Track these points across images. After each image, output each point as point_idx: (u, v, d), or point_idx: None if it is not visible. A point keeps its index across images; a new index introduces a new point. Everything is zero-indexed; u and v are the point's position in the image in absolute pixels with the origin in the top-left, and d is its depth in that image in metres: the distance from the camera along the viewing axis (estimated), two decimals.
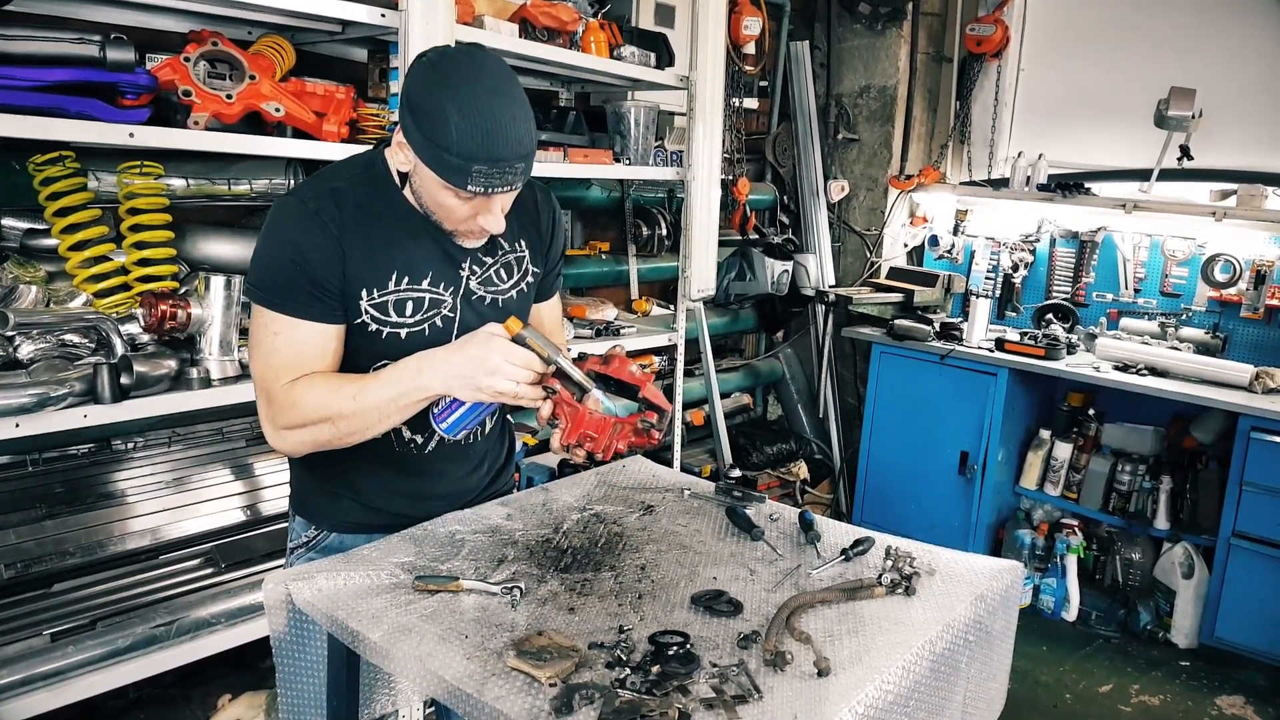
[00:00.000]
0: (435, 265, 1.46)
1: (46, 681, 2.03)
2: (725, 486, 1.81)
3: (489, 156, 1.27)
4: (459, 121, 1.25)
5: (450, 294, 1.48)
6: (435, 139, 1.27)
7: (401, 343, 1.45)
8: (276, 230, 1.40)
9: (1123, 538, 3.64)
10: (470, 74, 1.28)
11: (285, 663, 1.44)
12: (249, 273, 1.43)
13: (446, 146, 1.26)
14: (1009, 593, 1.49)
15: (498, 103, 1.28)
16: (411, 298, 1.45)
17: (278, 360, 1.38)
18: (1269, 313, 3.54)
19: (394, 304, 1.44)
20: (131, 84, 2.00)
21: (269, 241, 1.40)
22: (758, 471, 4.27)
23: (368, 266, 1.41)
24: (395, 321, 1.44)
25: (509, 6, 2.67)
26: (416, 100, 1.29)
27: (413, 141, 1.31)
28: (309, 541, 1.62)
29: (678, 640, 1.20)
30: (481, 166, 1.27)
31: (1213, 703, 3.02)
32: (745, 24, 3.93)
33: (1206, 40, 3.78)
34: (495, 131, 1.26)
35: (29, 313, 2.06)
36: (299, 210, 1.38)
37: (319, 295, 1.38)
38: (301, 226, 1.37)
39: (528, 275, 1.60)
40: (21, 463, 2.32)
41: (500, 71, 1.31)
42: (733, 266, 4.08)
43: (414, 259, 1.44)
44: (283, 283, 1.37)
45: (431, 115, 1.27)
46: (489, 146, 1.26)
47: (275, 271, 1.38)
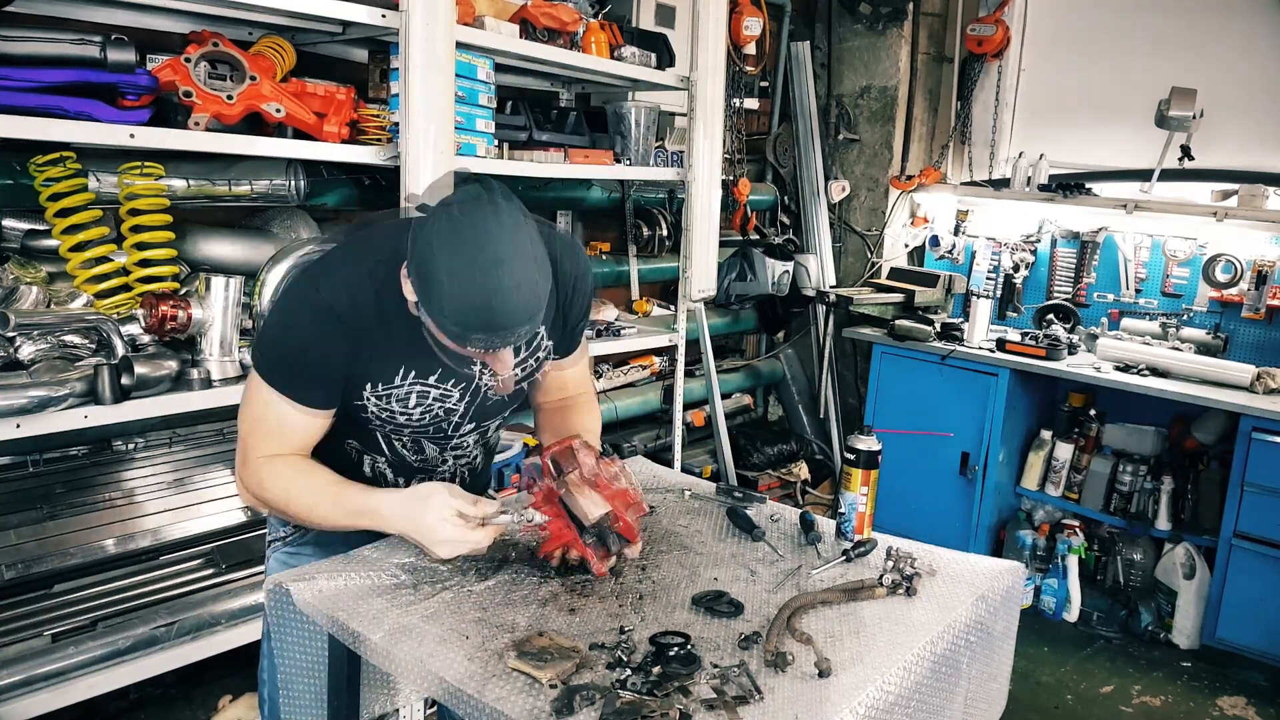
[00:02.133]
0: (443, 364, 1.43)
1: (47, 682, 2.03)
2: (726, 487, 1.81)
3: (486, 327, 1.24)
4: (457, 295, 1.22)
5: (459, 390, 1.49)
6: (433, 302, 1.24)
7: (399, 427, 1.49)
8: (289, 316, 1.40)
9: (1124, 538, 3.64)
10: (472, 240, 1.22)
11: (285, 663, 1.44)
12: (257, 340, 1.47)
13: (444, 313, 1.24)
14: (1010, 593, 1.49)
15: (501, 274, 1.22)
16: (417, 392, 1.46)
17: (263, 429, 1.43)
18: (1270, 313, 3.54)
19: (398, 398, 1.45)
20: (132, 85, 2.00)
21: (280, 326, 1.41)
22: (758, 472, 4.27)
23: (376, 364, 1.42)
24: (397, 412, 1.47)
25: (509, 7, 2.67)
26: (420, 256, 1.25)
27: (418, 295, 1.27)
28: (286, 536, 1.64)
29: (679, 641, 1.20)
30: (479, 335, 1.25)
31: (1214, 703, 3.02)
32: (746, 24, 3.93)
33: (1207, 40, 3.77)
34: (495, 307, 1.22)
35: (30, 313, 2.06)
36: (314, 302, 1.37)
37: (321, 385, 1.41)
38: (313, 320, 1.37)
39: (539, 350, 1.57)
40: (22, 463, 2.32)
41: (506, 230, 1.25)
42: (733, 267, 4.08)
43: (425, 355, 1.40)
44: (287, 368, 1.39)
45: (430, 280, 1.23)
46: (489, 321, 1.23)
47: (282, 356, 1.40)
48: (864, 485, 1.61)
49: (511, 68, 2.96)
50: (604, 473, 1.45)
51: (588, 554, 1.41)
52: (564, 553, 1.44)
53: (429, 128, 2.30)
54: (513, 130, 2.86)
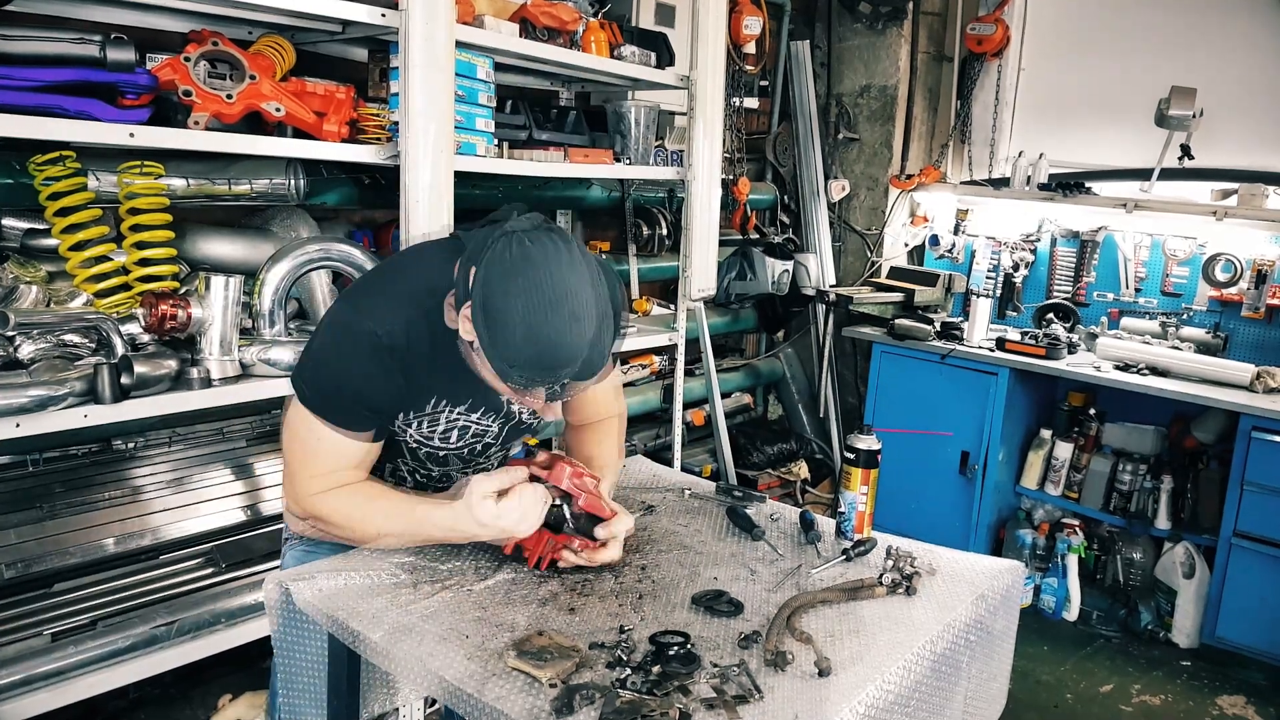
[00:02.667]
0: (486, 399, 1.47)
1: (47, 681, 2.03)
2: (726, 487, 1.81)
3: (539, 366, 1.24)
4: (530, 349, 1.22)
5: (497, 424, 1.53)
6: (502, 352, 1.24)
7: (437, 458, 1.52)
8: (343, 351, 1.37)
9: (1124, 537, 3.64)
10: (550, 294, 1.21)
11: (285, 663, 1.44)
12: (303, 369, 1.42)
13: (505, 357, 1.24)
14: (1010, 592, 1.49)
15: (573, 329, 1.22)
16: (458, 426, 1.48)
17: (318, 464, 1.40)
18: (1270, 312, 3.54)
19: (441, 432, 1.48)
20: (132, 84, 2.00)
21: (333, 360, 1.38)
22: (758, 471, 4.27)
23: (422, 399, 1.43)
24: (436, 444, 1.49)
25: (509, 6, 2.67)
26: (488, 297, 1.23)
27: (479, 335, 1.26)
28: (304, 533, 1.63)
29: (678, 640, 1.20)
30: (532, 374, 1.25)
31: (1214, 702, 3.02)
32: (746, 23, 3.93)
33: (1207, 39, 3.77)
34: (551, 347, 1.23)
35: (29, 313, 2.05)
36: (370, 343, 1.34)
37: (376, 417, 1.41)
38: (371, 361, 1.35)
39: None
40: (22, 463, 2.32)
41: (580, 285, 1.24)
42: (733, 266, 4.07)
43: (467, 391, 1.44)
44: (340, 401, 1.38)
45: (505, 330, 1.22)
46: (556, 373, 1.25)
47: (335, 393, 1.38)
48: (864, 484, 1.61)
49: (511, 67, 2.96)
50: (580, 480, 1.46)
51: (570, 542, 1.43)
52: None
53: (429, 127, 2.30)
54: (512, 129, 2.86)
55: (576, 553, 1.43)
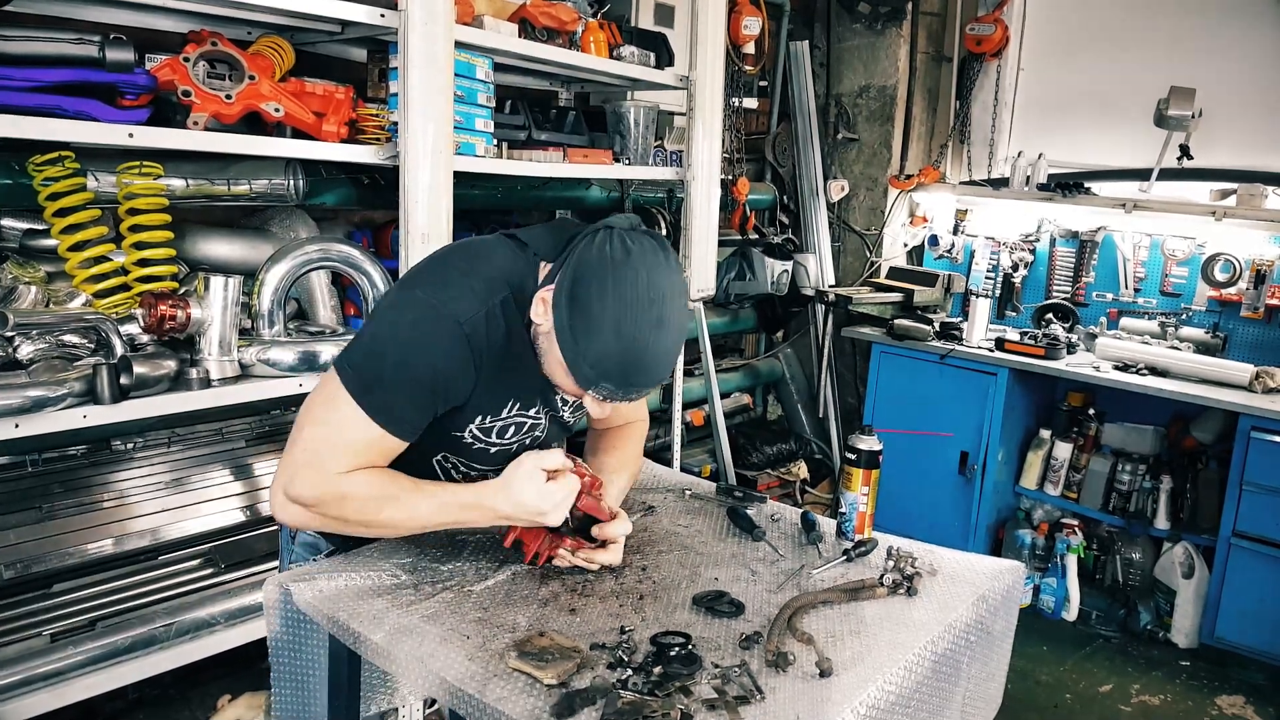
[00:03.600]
0: (541, 394, 1.44)
1: (46, 682, 2.03)
2: (726, 487, 1.81)
3: (624, 383, 1.23)
4: (612, 343, 1.20)
5: (547, 418, 1.50)
6: (581, 344, 1.21)
7: (489, 455, 1.46)
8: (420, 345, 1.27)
9: (1123, 537, 3.64)
10: (645, 295, 1.20)
11: (283, 663, 1.44)
12: (356, 356, 1.30)
13: (586, 356, 1.21)
14: (1010, 593, 1.49)
15: (656, 336, 1.21)
16: (514, 423, 1.44)
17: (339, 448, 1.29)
18: (1269, 312, 3.54)
19: (499, 430, 1.43)
20: (131, 84, 2.00)
21: (404, 353, 1.27)
22: (757, 471, 4.27)
23: (491, 397, 1.38)
24: (492, 441, 1.45)
25: (508, 6, 2.67)
26: (582, 292, 1.20)
27: (559, 323, 1.23)
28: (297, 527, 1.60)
29: (679, 641, 1.20)
30: (610, 387, 1.24)
31: (1213, 702, 3.02)
32: (745, 24, 3.93)
33: (1206, 40, 3.78)
34: (641, 366, 1.22)
35: (28, 313, 2.05)
36: (455, 332, 1.26)
37: (421, 417, 1.32)
38: (449, 356, 1.28)
39: None
40: (21, 463, 2.32)
41: (672, 293, 1.23)
42: (732, 266, 4.07)
43: (530, 390, 1.41)
44: (398, 400, 1.28)
45: (588, 320, 1.20)
46: (628, 376, 1.23)
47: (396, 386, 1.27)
48: (865, 485, 1.61)
49: (510, 67, 2.96)
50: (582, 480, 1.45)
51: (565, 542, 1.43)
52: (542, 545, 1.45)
53: (428, 127, 2.30)
54: (512, 130, 2.85)
55: (573, 553, 1.43)
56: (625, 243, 1.22)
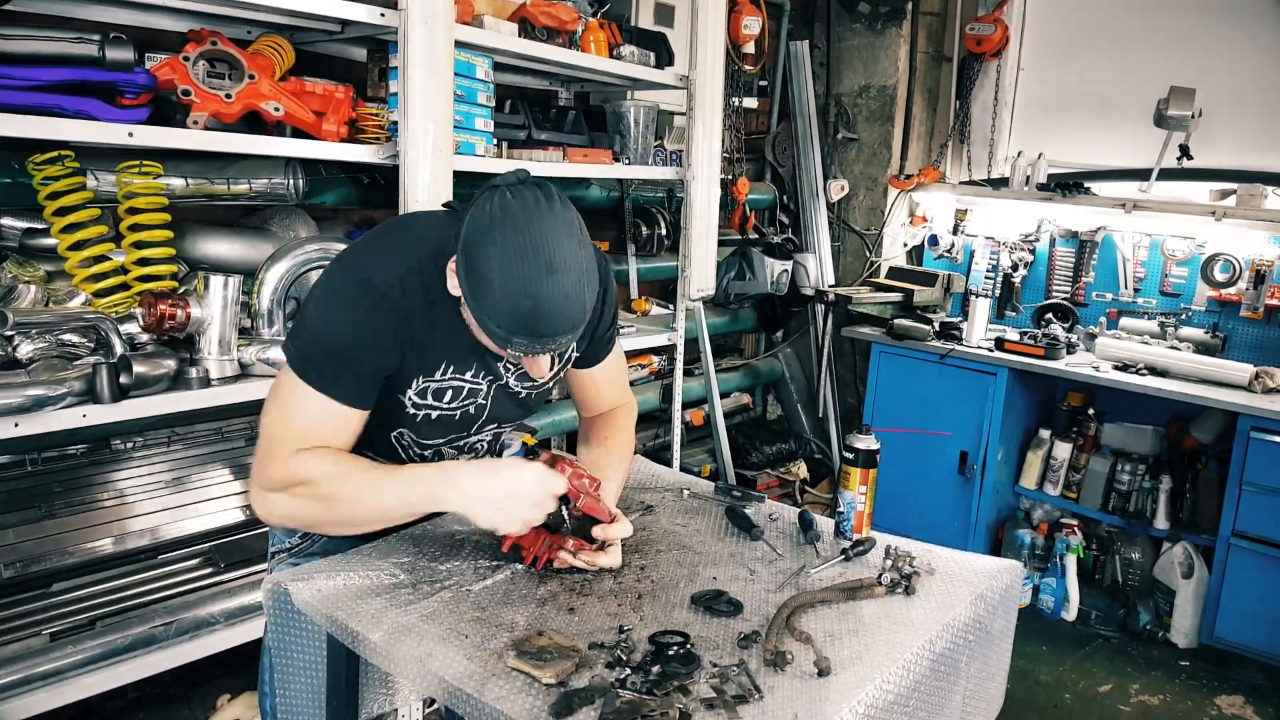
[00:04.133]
0: (479, 359, 1.44)
1: (46, 681, 2.03)
2: (725, 487, 1.81)
3: (530, 334, 1.23)
4: (505, 301, 1.20)
5: (487, 383, 1.48)
6: (479, 302, 1.22)
7: (431, 423, 1.46)
8: (337, 309, 1.32)
9: (1122, 537, 3.64)
10: (527, 244, 1.20)
11: (282, 664, 1.44)
12: (294, 335, 1.36)
13: (490, 315, 1.22)
14: (1009, 592, 1.49)
15: (552, 282, 1.20)
16: (452, 386, 1.44)
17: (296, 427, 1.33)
18: (1268, 312, 3.54)
19: (434, 391, 1.43)
20: (130, 83, 2.00)
21: (326, 319, 1.32)
22: (757, 471, 4.27)
23: (422, 357, 1.38)
24: (431, 405, 1.44)
25: (508, 6, 2.67)
26: (470, 253, 1.23)
27: (462, 290, 1.25)
28: (292, 547, 1.60)
29: (678, 640, 1.20)
30: (521, 340, 1.23)
31: (1212, 702, 3.02)
32: (745, 23, 3.93)
33: (1206, 40, 3.77)
34: (541, 314, 1.21)
35: (28, 312, 2.05)
36: (370, 299, 1.30)
37: (365, 384, 1.34)
38: (366, 315, 1.30)
39: (568, 363, 1.59)
40: (21, 462, 2.32)
41: (562, 236, 1.23)
42: (732, 266, 4.08)
43: (463, 351, 1.41)
44: (331, 366, 1.31)
45: (479, 279, 1.21)
46: (534, 328, 1.22)
47: (326, 353, 1.31)
48: (863, 484, 1.61)
49: (510, 66, 2.96)
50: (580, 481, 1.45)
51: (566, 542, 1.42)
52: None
53: (428, 126, 2.30)
54: (511, 129, 2.86)
55: (573, 554, 1.42)
56: (505, 198, 1.23)
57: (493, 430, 1.58)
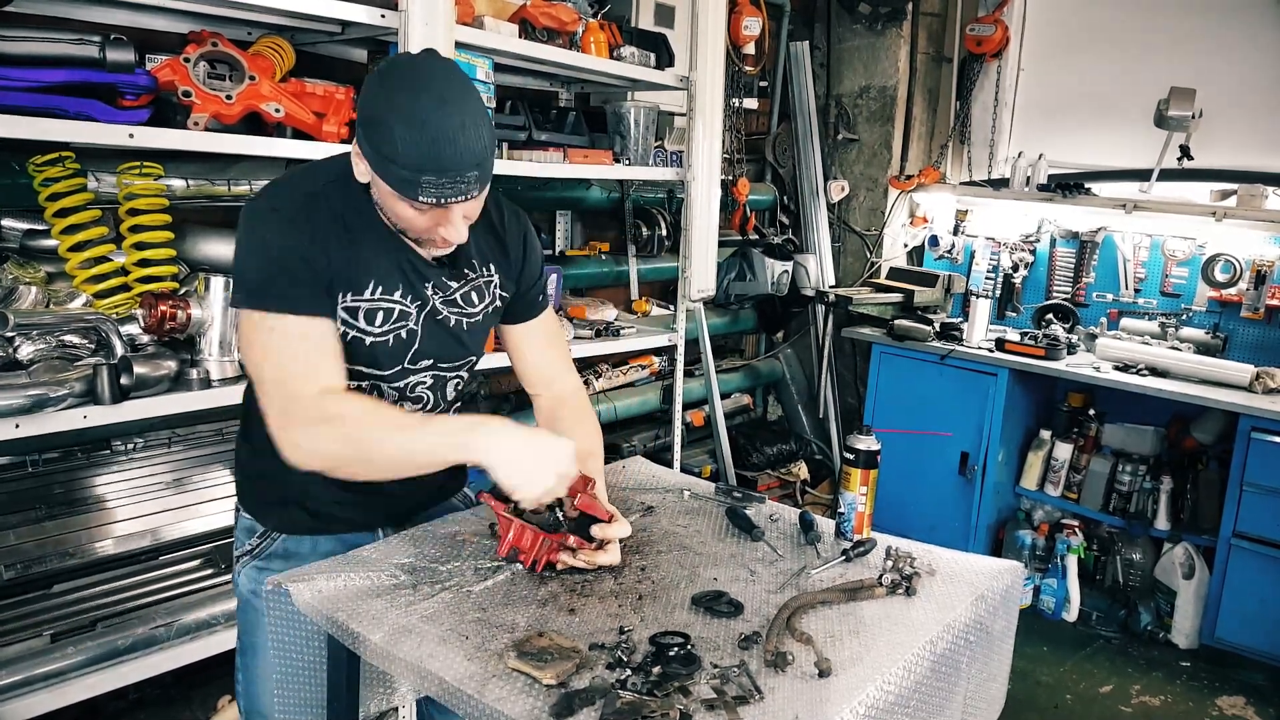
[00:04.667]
0: (404, 279, 1.44)
1: (47, 682, 2.03)
2: (725, 487, 1.81)
3: (437, 168, 1.24)
4: (403, 133, 1.23)
5: (416, 308, 1.47)
6: (382, 150, 1.26)
7: (366, 349, 1.44)
8: (255, 235, 1.36)
9: (1123, 538, 3.64)
10: (415, 83, 1.26)
11: (283, 664, 1.44)
12: (236, 285, 1.38)
13: (393, 158, 1.25)
14: (1009, 593, 1.49)
15: (445, 112, 1.24)
16: (382, 308, 1.43)
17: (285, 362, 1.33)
18: (1269, 313, 3.54)
19: (365, 312, 1.42)
20: (131, 85, 2.00)
21: (253, 248, 1.36)
22: (758, 472, 4.27)
23: (345, 271, 1.39)
24: (362, 329, 1.43)
25: (509, 7, 2.67)
26: (366, 111, 1.29)
27: (365, 153, 1.30)
28: (254, 549, 1.59)
29: (678, 641, 1.20)
30: (430, 177, 1.25)
31: (1213, 703, 3.02)
32: (745, 24, 3.93)
33: (1206, 40, 3.78)
34: (441, 142, 1.24)
35: (29, 313, 2.05)
36: (272, 217, 1.36)
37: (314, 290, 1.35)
38: (279, 230, 1.35)
39: (496, 301, 1.58)
40: (21, 463, 2.32)
41: (449, 79, 1.28)
42: (733, 267, 4.08)
43: (386, 270, 1.42)
44: (276, 284, 1.33)
45: (378, 127, 1.25)
46: (435, 157, 1.24)
47: (265, 275, 1.34)
48: (863, 485, 1.61)
49: (511, 67, 2.96)
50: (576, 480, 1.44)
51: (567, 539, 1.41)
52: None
53: None
54: (512, 130, 2.86)
55: (574, 553, 1.42)
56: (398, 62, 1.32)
57: (430, 370, 1.54)
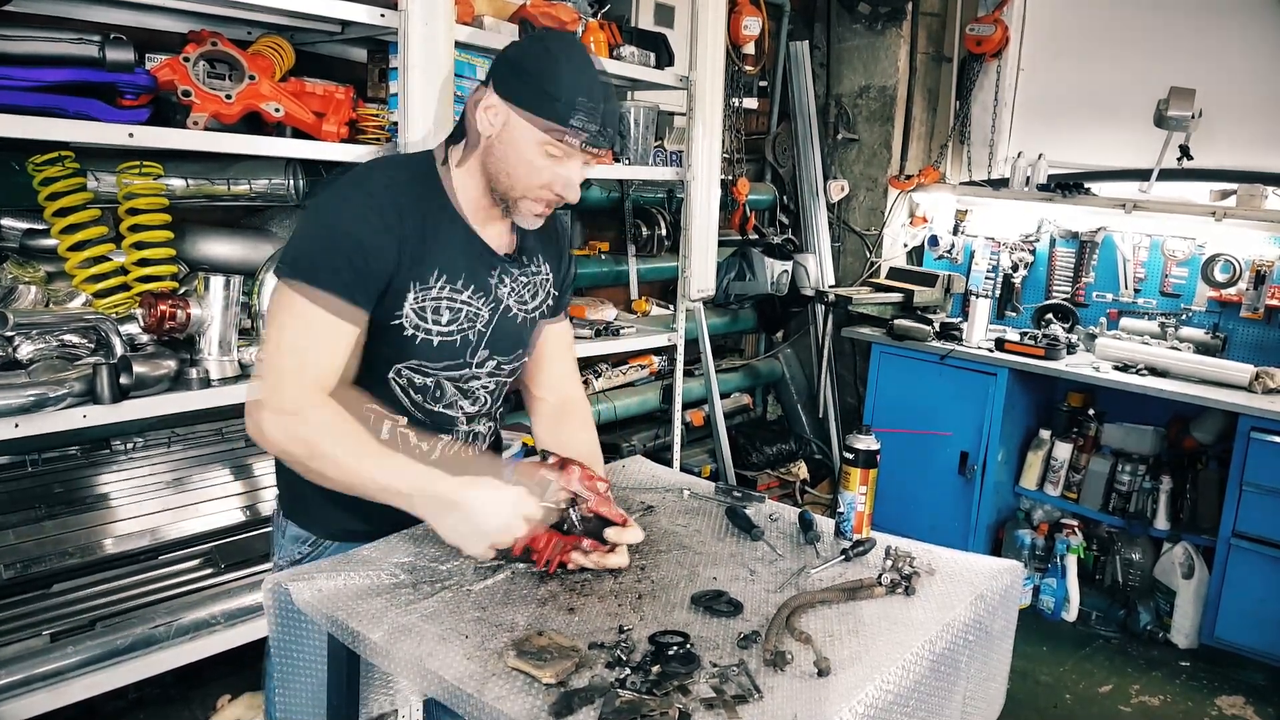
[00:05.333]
0: (475, 275, 1.48)
1: (46, 682, 2.03)
2: (725, 487, 1.81)
3: (591, 107, 1.35)
4: (569, 71, 1.34)
5: (486, 308, 1.50)
6: (543, 87, 1.34)
7: (432, 349, 1.46)
8: (333, 216, 1.38)
9: (1123, 538, 3.64)
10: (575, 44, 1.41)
11: (283, 664, 1.44)
12: (288, 250, 1.39)
13: (556, 91, 1.34)
14: (1009, 592, 1.49)
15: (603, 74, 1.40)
16: (449, 305, 1.46)
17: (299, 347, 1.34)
18: (1269, 313, 3.54)
19: (433, 309, 1.44)
20: (131, 84, 2.00)
21: (323, 226, 1.38)
22: (757, 471, 4.27)
23: (418, 265, 1.42)
24: (429, 327, 1.45)
25: (508, 6, 2.67)
26: (524, 58, 1.38)
27: (515, 94, 1.36)
28: (302, 558, 1.59)
29: (678, 640, 1.20)
30: (583, 112, 1.34)
31: (1213, 703, 3.02)
32: (745, 24, 3.93)
33: (1206, 40, 3.78)
34: (600, 89, 1.37)
35: (28, 313, 2.05)
36: (365, 201, 1.38)
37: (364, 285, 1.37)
38: (362, 216, 1.36)
39: (548, 299, 1.64)
40: (21, 463, 2.32)
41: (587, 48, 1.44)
42: (732, 266, 4.08)
43: (458, 264, 1.46)
44: (333, 265, 1.34)
45: (543, 64, 1.35)
46: (593, 96, 1.35)
47: (329, 253, 1.35)
48: (863, 484, 1.61)
49: None
50: (591, 483, 1.45)
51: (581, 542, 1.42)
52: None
53: (428, 127, 2.30)
54: None
55: (586, 553, 1.43)
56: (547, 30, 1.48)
57: (491, 365, 1.56)
